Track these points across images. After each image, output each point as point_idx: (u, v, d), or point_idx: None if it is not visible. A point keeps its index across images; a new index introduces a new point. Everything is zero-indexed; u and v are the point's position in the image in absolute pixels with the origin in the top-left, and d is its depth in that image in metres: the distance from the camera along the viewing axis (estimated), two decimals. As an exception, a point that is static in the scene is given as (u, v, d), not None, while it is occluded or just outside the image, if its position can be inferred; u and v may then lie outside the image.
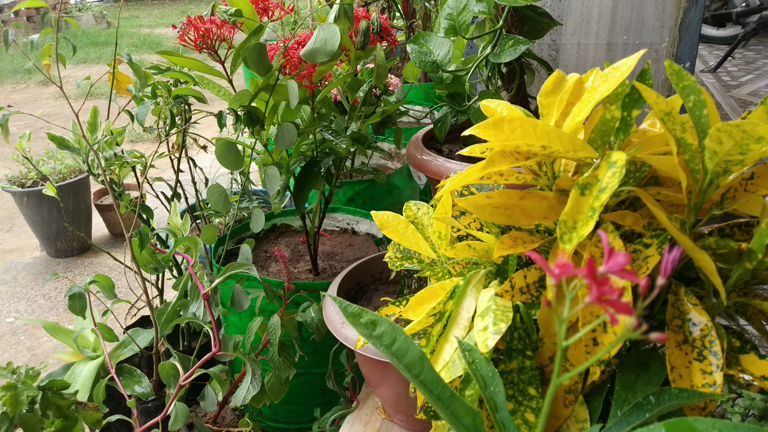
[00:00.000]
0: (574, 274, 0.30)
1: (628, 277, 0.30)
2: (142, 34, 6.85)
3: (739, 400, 0.88)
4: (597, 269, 0.29)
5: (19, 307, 1.95)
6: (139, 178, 1.10)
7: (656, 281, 0.30)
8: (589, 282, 0.29)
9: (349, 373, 0.97)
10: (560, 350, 0.32)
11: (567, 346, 0.32)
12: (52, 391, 0.78)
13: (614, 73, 0.45)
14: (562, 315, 0.32)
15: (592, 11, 1.34)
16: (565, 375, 0.33)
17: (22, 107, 4.14)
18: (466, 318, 0.50)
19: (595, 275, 0.29)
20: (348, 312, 0.45)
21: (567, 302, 0.31)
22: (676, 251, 0.30)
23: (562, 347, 0.32)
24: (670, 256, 0.30)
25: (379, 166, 1.70)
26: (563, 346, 0.32)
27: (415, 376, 0.41)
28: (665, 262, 0.30)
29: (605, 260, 0.29)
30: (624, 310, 0.28)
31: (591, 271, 0.29)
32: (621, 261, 0.29)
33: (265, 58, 0.87)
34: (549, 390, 0.34)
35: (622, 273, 0.29)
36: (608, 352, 0.42)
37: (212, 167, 1.37)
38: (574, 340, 0.32)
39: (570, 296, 0.31)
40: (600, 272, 0.29)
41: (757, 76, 3.83)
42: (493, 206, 0.47)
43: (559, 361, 0.33)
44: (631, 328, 0.29)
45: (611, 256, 0.29)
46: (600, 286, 0.29)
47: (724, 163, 0.42)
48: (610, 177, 0.41)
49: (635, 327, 0.28)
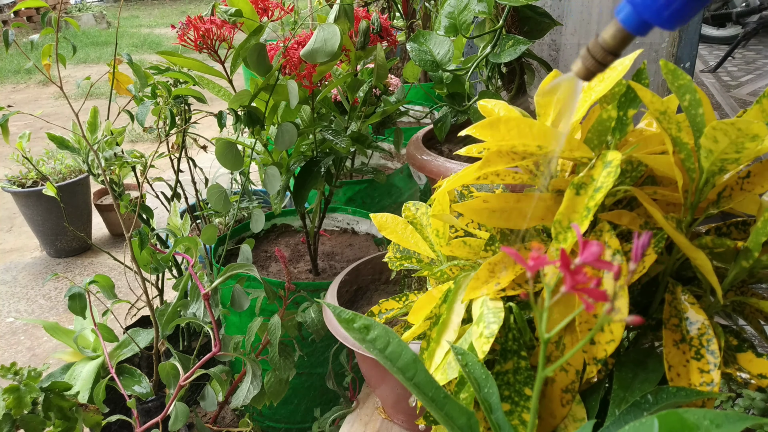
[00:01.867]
0: (548, 265, 0.31)
1: (603, 266, 0.31)
2: (142, 34, 6.86)
3: (739, 400, 0.88)
4: (571, 260, 0.30)
5: (19, 307, 1.95)
6: (139, 178, 1.10)
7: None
8: (564, 272, 0.30)
9: (349, 373, 0.97)
10: (543, 343, 0.33)
11: (548, 338, 0.33)
12: (54, 392, 0.78)
13: (611, 73, 0.45)
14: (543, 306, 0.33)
15: (592, 11, 1.34)
16: (550, 367, 0.34)
17: (22, 107, 4.14)
18: (456, 322, 0.51)
19: (569, 265, 0.30)
20: (341, 317, 0.46)
21: (547, 294, 0.32)
22: (645, 236, 0.31)
23: (544, 339, 0.33)
24: (640, 241, 0.32)
25: (379, 166, 1.71)
26: (545, 338, 0.33)
27: (409, 378, 0.42)
28: (636, 247, 0.32)
29: (580, 251, 0.30)
30: (600, 297, 0.30)
31: (565, 262, 0.30)
32: (595, 251, 0.30)
33: (265, 58, 0.87)
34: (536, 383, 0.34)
35: (597, 263, 0.30)
36: (603, 351, 0.43)
37: (212, 167, 1.37)
38: (554, 332, 0.33)
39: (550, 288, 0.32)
40: (575, 263, 0.30)
41: (757, 76, 3.83)
42: (490, 210, 0.47)
43: (543, 353, 0.34)
44: (606, 313, 0.30)
45: (585, 246, 0.30)
46: (574, 275, 0.30)
47: (720, 162, 0.42)
48: (605, 176, 0.41)
49: (609, 312, 0.29)
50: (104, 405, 0.93)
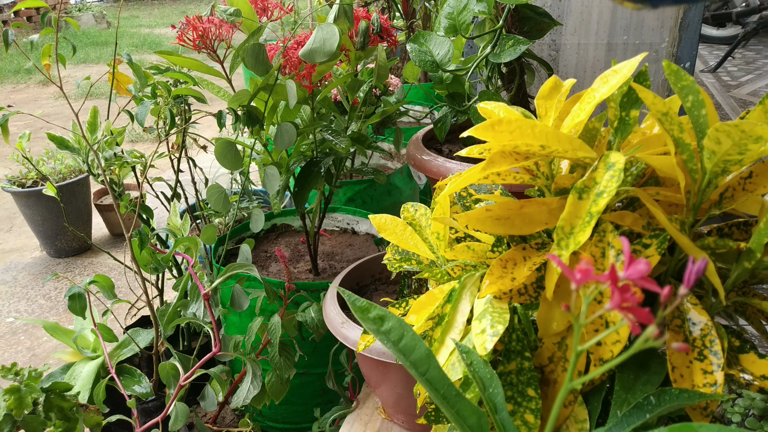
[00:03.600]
0: (596, 280, 0.29)
1: (648, 286, 0.29)
2: (142, 34, 6.85)
3: (739, 400, 0.88)
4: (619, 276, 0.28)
5: (19, 307, 1.95)
6: (139, 178, 1.10)
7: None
8: (612, 289, 0.28)
9: (349, 373, 0.97)
10: (574, 355, 0.32)
11: (582, 350, 0.32)
12: (55, 393, 0.78)
13: (615, 76, 0.45)
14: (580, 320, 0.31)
15: (592, 11, 1.34)
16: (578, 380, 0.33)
17: (22, 107, 4.14)
18: (461, 321, 0.50)
19: (617, 282, 0.28)
20: (356, 306, 0.44)
21: (583, 307, 0.31)
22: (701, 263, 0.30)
23: (576, 352, 0.32)
24: (694, 267, 0.30)
25: (379, 166, 1.70)
26: (578, 351, 0.32)
27: (422, 374, 0.41)
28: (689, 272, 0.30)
29: (625, 267, 0.29)
30: (644, 318, 0.28)
31: (613, 278, 0.28)
32: (642, 269, 0.28)
33: (263, 58, 0.87)
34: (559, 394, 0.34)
35: (642, 281, 0.28)
36: (609, 352, 0.42)
37: (212, 167, 1.37)
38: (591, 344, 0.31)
39: (588, 301, 0.31)
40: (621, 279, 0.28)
41: (757, 76, 3.83)
42: (493, 218, 0.47)
43: (572, 367, 0.33)
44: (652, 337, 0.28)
45: (631, 263, 0.29)
46: (622, 293, 0.28)
47: (723, 163, 0.42)
48: (608, 180, 0.40)
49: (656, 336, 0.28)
50: (104, 405, 0.92)
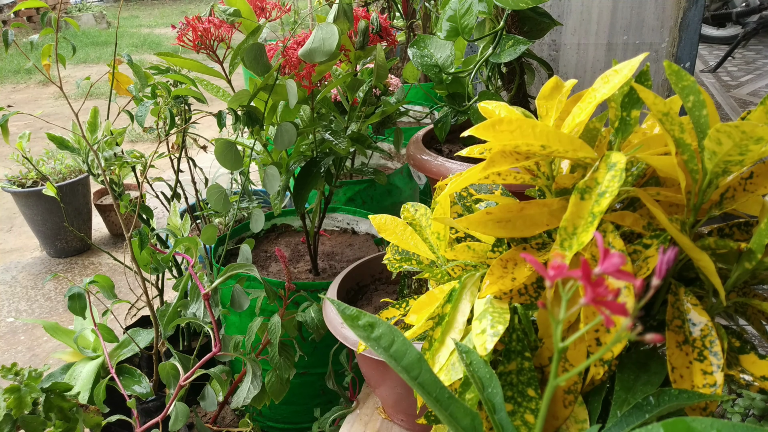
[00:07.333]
0: (569, 275, 0.29)
1: (624, 278, 0.29)
2: (142, 34, 6.85)
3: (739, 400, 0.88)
4: (592, 270, 0.29)
5: (19, 307, 1.95)
6: (139, 178, 1.10)
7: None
8: (584, 283, 0.29)
9: (349, 373, 0.97)
10: (557, 352, 0.32)
11: (564, 347, 0.32)
12: (55, 393, 0.78)
13: (615, 76, 0.45)
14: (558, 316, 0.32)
15: (592, 11, 1.34)
16: (563, 376, 0.33)
17: (22, 107, 4.14)
18: (461, 321, 0.50)
19: (590, 276, 0.29)
20: (346, 314, 0.45)
21: (563, 304, 0.31)
22: (671, 252, 0.30)
23: (558, 349, 0.32)
24: (665, 256, 0.30)
25: (379, 166, 1.70)
26: (560, 347, 0.32)
27: (414, 378, 0.41)
28: (660, 263, 0.30)
29: (600, 261, 0.29)
30: (619, 311, 0.28)
31: (586, 273, 0.29)
32: (616, 262, 0.29)
33: (263, 58, 0.87)
34: (546, 392, 0.34)
35: (618, 274, 0.29)
36: (609, 352, 0.42)
37: (212, 167, 1.37)
38: (570, 341, 0.32)
39: (566, 297, 0.31)
40: (595, 273, 0.29)
41: (757, 76, 3.83)
42: (494, 221, 0.47)
43: (556, 362, 0.33)
44: (627, 329, 0.28)
45: (606, 256, 0.29)
46: (595, 288, 0.28)
47: (724, 164, 0.42)
48: (609, 180, 0.40)
49: (630, 328, 0.28)
50: (104, 405, 0.92)
